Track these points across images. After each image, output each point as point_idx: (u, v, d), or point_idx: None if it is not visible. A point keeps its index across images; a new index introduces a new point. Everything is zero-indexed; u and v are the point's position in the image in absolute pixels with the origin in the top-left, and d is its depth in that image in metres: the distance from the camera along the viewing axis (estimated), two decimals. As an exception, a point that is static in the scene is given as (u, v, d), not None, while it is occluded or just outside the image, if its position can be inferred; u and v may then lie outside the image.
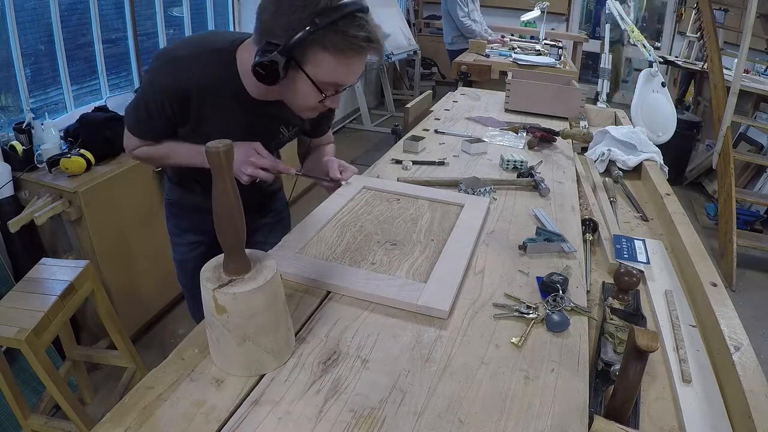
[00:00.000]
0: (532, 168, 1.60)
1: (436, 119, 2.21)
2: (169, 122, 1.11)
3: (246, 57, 1.01)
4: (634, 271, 0.95)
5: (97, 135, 2.04)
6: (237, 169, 1.07)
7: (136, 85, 2.76)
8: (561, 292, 0.98)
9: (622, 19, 3.11)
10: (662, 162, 1.78)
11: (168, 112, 1.07)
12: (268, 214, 1.48)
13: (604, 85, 3.40)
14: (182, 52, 1.04)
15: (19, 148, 1.94)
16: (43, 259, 1.73)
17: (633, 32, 2.81)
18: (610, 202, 1.47)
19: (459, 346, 0.85)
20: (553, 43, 4.84)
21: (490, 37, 4.76)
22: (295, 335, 0.85)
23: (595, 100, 3.18)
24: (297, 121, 1.22)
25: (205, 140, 1.09)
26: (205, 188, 1.29)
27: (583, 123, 2.25)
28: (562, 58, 4.39)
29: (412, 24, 6.62)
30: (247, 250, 0.77)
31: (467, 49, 4.30)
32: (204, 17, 3.34)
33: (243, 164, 1.08)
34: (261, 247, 1.45)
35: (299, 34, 0.89)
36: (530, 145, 1.87)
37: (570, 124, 2.23)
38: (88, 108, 2.34)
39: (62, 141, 2.07)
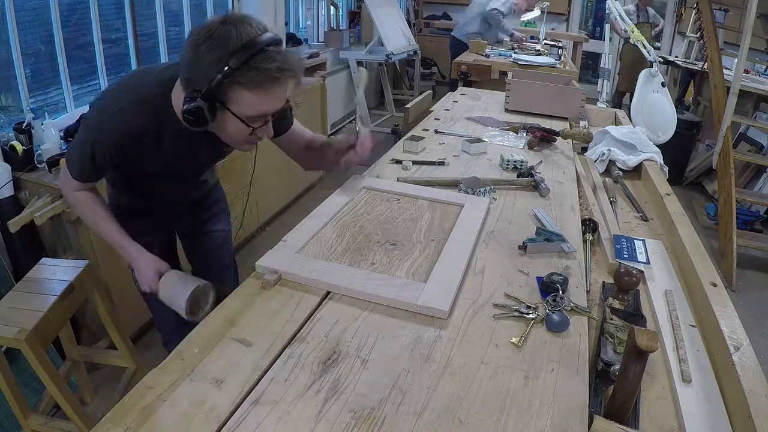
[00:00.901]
0: (532, 168, 1.60)
1: (436, 119, 2.21)
2: (114, 166, 1.17)
3: (178, 100, 1.06)
4: (634, 271, 0.95)
5: (97, 135, 2.03)
6: (139, 278, 1.23)
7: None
8: (561, 292, 0.98)
9: (623, 19, 3.11)
10: (662, 162, 1.78)
11: (115, 158, 1.12)
12: (211, 205, 1.56)
13: (604, 85, 3.40)
14: (123, 104, 1.08)
15: (19, 148, 1.94)
16: (43, 259, 1.72)
17: (633, 32, 2.81)
18: (610, 202, 1.47)
19: (459, 346, 0.85)
20: (553, 43, 4.85)
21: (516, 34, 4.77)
22: (295, 335, 0.86)
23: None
24: None
25: (156, 174, 1.24)
26: (147, 193, 1.36)
27: (583, 123, 2.25)
28: (562, 58, 4.39)
29: (412, 24, 6.62)
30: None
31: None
32: (204, 16, 3.34)
33: (144, 284, 1.23)
34: (214, 235, 1.59)
35: (216, 78, 0.94)
36: (530, 145, 1.87)
37: (570, 124, 2.23)
38: (88, 108, 2.34)
39: (62, 141, 2.07)
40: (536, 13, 4.93)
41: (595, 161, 1.78)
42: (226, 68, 0.93)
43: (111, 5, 2.58)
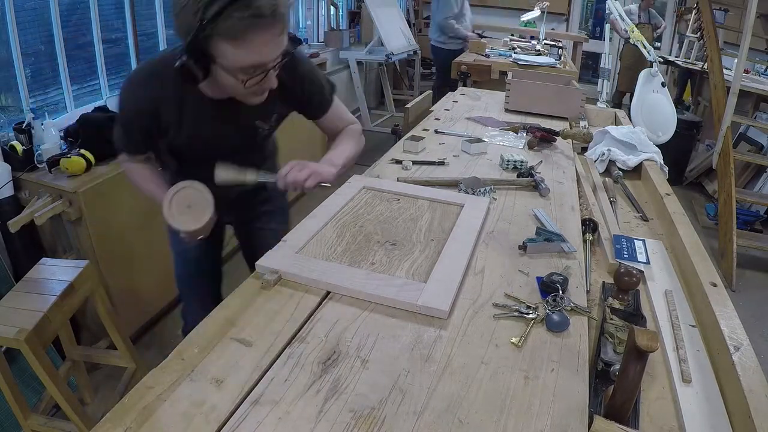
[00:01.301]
0: (532, 168, 1.60)
1: (436, 119, 2.21)
2: (146, 135, 1.20)
3: None
4: (634, 271, 0.95)
5: (97, 135, 2.03)
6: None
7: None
8: (561, 292, 0.98)
9: (623, 19, 3.11)
10: (662, 162, 1.78)
11: (143, 127, 1.17)
12: (266, 201, 1.54)
13: (604, 85, 3.40)
14: (140, 74, 1.14)
15: (19, 148, 1.94)
16: (43, 259, 1.72)
17: (633, 32, 2.81)
18: (610, 202, 1.47)
19: (459, 346, 0.85)
20: (553, 43, 4.84)
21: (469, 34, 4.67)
22: (295, 335, 0.86)
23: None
24: (271, 110, 1.24)
25: (186, 146, 1.24)
26: (204, 178, 1.32)
27: (583, 123, 2.25)
28: (562, 58, 4.39)
29: (412, 24, 6.62)
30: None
31: (462, 50, 4.29)
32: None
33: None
34: (261, 233, 1.56)
35: (193, 32, 0.92)
36: (530, 145, 1.87)
37: (570, 124, 2.23)
38: (88, 108, 2.34)
39: (62, 141, 2.07)
40: (536, 13, 4.92)
41: (595, 161, 1.78)
42: (200, 22, 0.91)
43: (111, 5, 2.58)
